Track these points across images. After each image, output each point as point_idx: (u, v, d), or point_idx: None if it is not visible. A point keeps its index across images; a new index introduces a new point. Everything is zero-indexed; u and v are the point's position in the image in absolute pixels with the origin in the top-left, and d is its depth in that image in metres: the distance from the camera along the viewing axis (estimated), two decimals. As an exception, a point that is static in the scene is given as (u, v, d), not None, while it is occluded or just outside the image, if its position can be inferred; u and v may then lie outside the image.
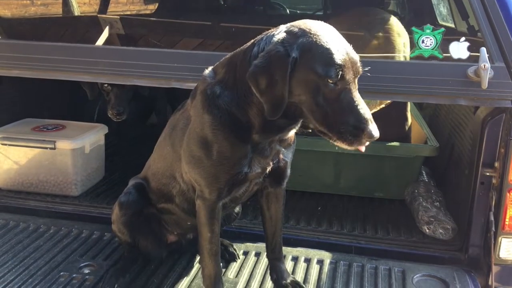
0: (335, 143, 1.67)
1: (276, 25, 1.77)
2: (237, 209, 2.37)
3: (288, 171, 2.01)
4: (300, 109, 1.66)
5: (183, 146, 1.92)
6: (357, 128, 1.60)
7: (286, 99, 1.61)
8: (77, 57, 2.54)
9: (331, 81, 1.58)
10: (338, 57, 1.58)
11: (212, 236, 1.93)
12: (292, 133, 1.89)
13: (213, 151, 1.80)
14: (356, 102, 1.61)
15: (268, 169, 1.88)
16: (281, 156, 1.91)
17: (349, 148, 1.67)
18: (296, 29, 1.64)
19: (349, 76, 1.60)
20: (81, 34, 4.16)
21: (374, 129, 1.62)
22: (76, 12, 5.02)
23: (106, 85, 3.21)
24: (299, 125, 1.84)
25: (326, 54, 1.59)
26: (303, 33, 1.63)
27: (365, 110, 1.62)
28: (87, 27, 4.32)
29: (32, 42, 2.68)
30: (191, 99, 1.93)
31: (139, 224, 2.24)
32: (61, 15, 5.05)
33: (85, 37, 3.77)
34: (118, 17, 4.04)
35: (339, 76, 1.58)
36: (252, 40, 1.78)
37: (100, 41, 2.92)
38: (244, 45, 1.82)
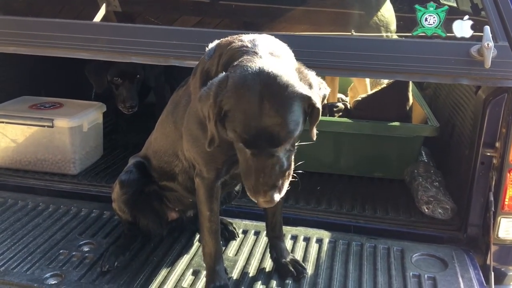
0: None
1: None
2: (237, 187, 2.36)
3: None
4: None
5: (184, 124, 1.91)
6: (251, 190, 1.59)
7: (216, 136, 1.61)
8: (75, 34, 2.50)
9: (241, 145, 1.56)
10: (248, 131, 1.51)
11: (212, 214, 1.93)
12: None
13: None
14: (259, 171, 1.54)
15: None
16: None
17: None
18: (239, 72, 1.55)
19: (258, 148, 1.53)
20: (78, 11, 4.11)
21: (263, 202, 1.58)
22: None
23: (116, 78, 3.19)
24: None
25: (241, 121, 1.52)
26: (238, 84, 1.53)
27: (266, 179, 1.54)
28: (84, 5, 4.26)
29: (29, 18, 2.64)
30: (192, 76, 1.90)
31: (140, 202, 2.24)
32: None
33: (82, 15, 3.72)
34: (115, -6, 3.97)
35: (245, 145, 1.54)
36: (234, 40, 1.74)
37: (97, 19, 2.88)
38: (232, 38, 1.78)
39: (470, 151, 2.43)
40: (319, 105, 1.62)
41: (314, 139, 1.73)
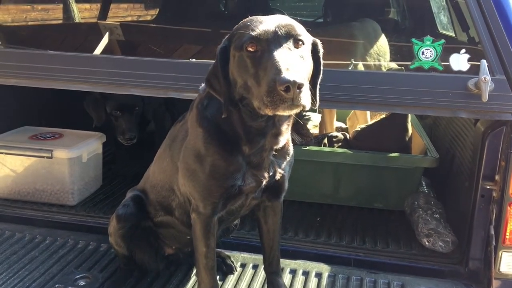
0: (267, 112, 1.55)
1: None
2: (235, 221, 2.34)
3: (286, 184, 1.98)
4: (248, 97, 1.64)
5: (180, 159, 1.91)
6: (272, 82, 1.47)
7: (225, 90, 1.66)
8: (75, 66, 2.52)
9: (250, 49, 1.57)
10: (254, 25, 1.59)
11: (208, 251, 1.91)
12: (281, 141, 1.83)
13: (205, 165, 1.79)
14: (273, 59, 1.50)
15: (264, 182, 1.86)
16: (277, 169, 1.88)
17: (270, 112, 1.53)
18: (237, 24, 1.70)
19: (267, 36, 1.56)
20: (81, 40, 4.16)
21: (288, 75, 1.44)
22: (77, 17, 5.03)
23: (115, 111, 3.25)
24: (283, 129, 1.80)
25: (243, 28, 1.61)
26: (237, 25, 1.68)
27: (283, 62, 1.49)
28: (87, 33, 4.31)
29: (29, 50, 2.67)
30: (189, 112, 1.92)
31: (136, 237, 2.21)
32: (61, 22, 5.07)
33: (85, 43, 3.76)
34: (118, 23, 4.04)
35: (255, 38, 1.56)
36: None
37: (100, 47, 2.91)
38: None
39: (470, 183, 2.41)
40: (321, 54, 1.74)
41: (317, 105, 1.76)
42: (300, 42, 1.61)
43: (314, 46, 1.72)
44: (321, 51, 1.74)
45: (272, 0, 5.22)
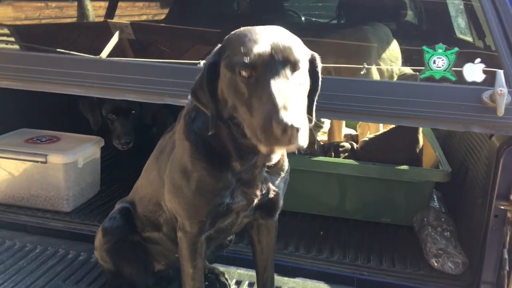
0: (260, 148, 1.43)
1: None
2: (229, 237, 2.21)
3: (281, 202, 1.84)
4: (238, 118, 1.50)
5: (166, 172, 1.79)
6: (267, 120, 1.32)
7: (212, 107, 1.53)
8: (68, 69, 2.43)
9: (243, 73, 1.41)
10: (249, 45, 1.42)
11: (195, 271, 1.79)
12: (275, 158, 1.69)
13: (192, 181, 1.67)
14: (269, 90, 1.35)
15: (256, 201, 1.73)
16: (271, 186, 1.75)
17: (265, 150, 1.44)
18: (229, 35, 1.56)
19: (263, 62, 1.39)
20: (92, 39, 4.09)
21: (286, 116, 1.29)
22: (91, 15, 4.98)
23: (110, 114, 3.15)
24: None
25: (237, 47, 1.45)
26: (229, 36, 1.54)
27: (281, 97, 1.33)
28: (97, 32, 4.24)
29: (22, 52, 2.59)
30: (177, 123, 1.79)
31: (123, 251, 2.09)
32: (72, 22, 5.03)
33: (95, 42, 3.68)
34: (129, 22, 3.96)
35: (250, 64, 1.39)
36: None
37: (109, 46, 2.82)
38: None
39: (483, 201, 2.25)
40: (319, 69, 1.60)
41: (314, 122, 1.63)
42: (298, 67, 1.44)
43: (313, 61, 1.57)
44: (320, 66, 1.59)
45: (286, 1, 5.10)
